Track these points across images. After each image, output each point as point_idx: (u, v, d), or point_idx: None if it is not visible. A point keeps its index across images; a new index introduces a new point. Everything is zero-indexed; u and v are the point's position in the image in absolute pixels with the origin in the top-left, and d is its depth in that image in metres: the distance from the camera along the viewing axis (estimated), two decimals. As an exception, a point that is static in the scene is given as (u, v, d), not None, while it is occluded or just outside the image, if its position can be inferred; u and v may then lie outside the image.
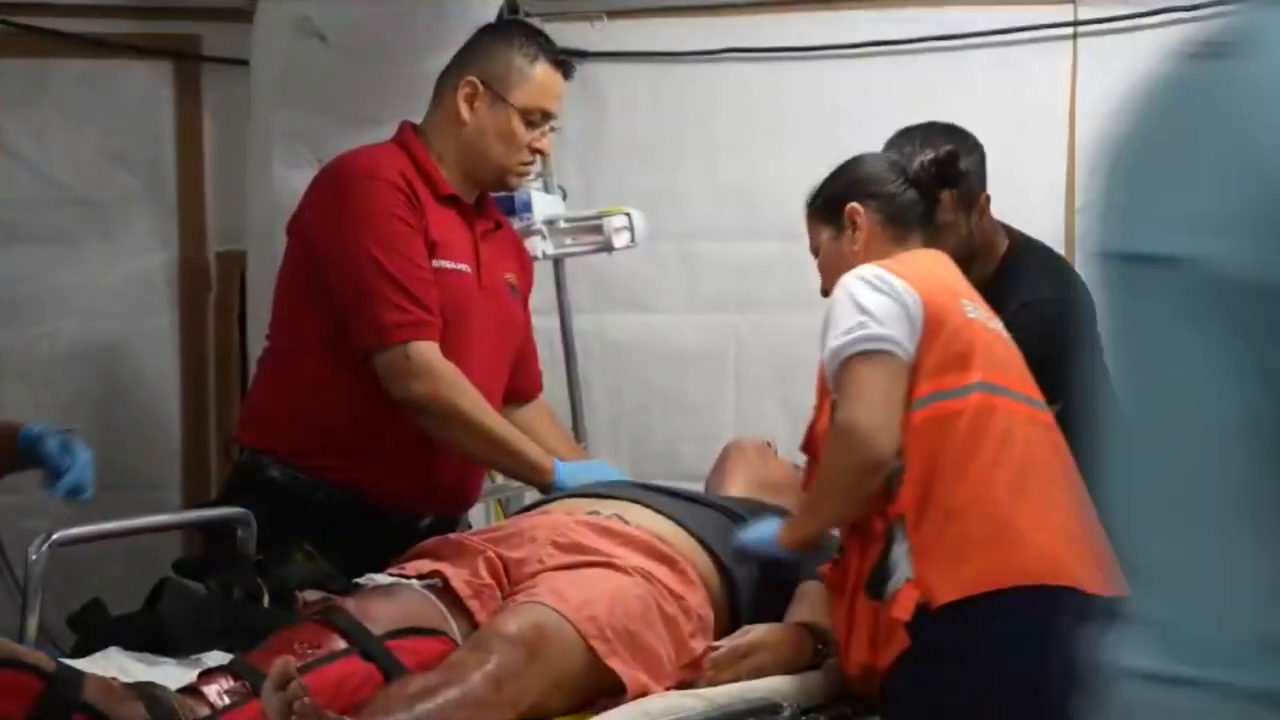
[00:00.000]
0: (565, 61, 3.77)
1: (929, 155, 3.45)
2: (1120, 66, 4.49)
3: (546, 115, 3.73)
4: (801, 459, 3.35)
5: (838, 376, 3.03)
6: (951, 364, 3.03)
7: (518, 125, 3.69)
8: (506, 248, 3.94)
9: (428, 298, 3.56)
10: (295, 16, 4.24)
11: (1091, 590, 2.78)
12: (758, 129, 4.85)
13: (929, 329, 3.03)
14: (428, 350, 3.54)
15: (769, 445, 3.95)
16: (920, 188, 3.34)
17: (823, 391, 3.15)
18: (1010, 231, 3.99)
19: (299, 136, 4.34)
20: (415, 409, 3.55)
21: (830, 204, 3.37)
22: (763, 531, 3.33)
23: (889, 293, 3.03)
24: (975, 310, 3.16)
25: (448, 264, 3.65)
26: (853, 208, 3.30)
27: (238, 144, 4.68)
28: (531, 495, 4.00)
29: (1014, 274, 3.89)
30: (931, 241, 3.34)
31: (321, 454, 3.64)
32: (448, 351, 3.60)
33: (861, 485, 3.01)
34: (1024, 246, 3.98)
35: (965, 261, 3.83)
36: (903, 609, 2.89)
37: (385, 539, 3.49)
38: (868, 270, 3.09)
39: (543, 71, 3.71)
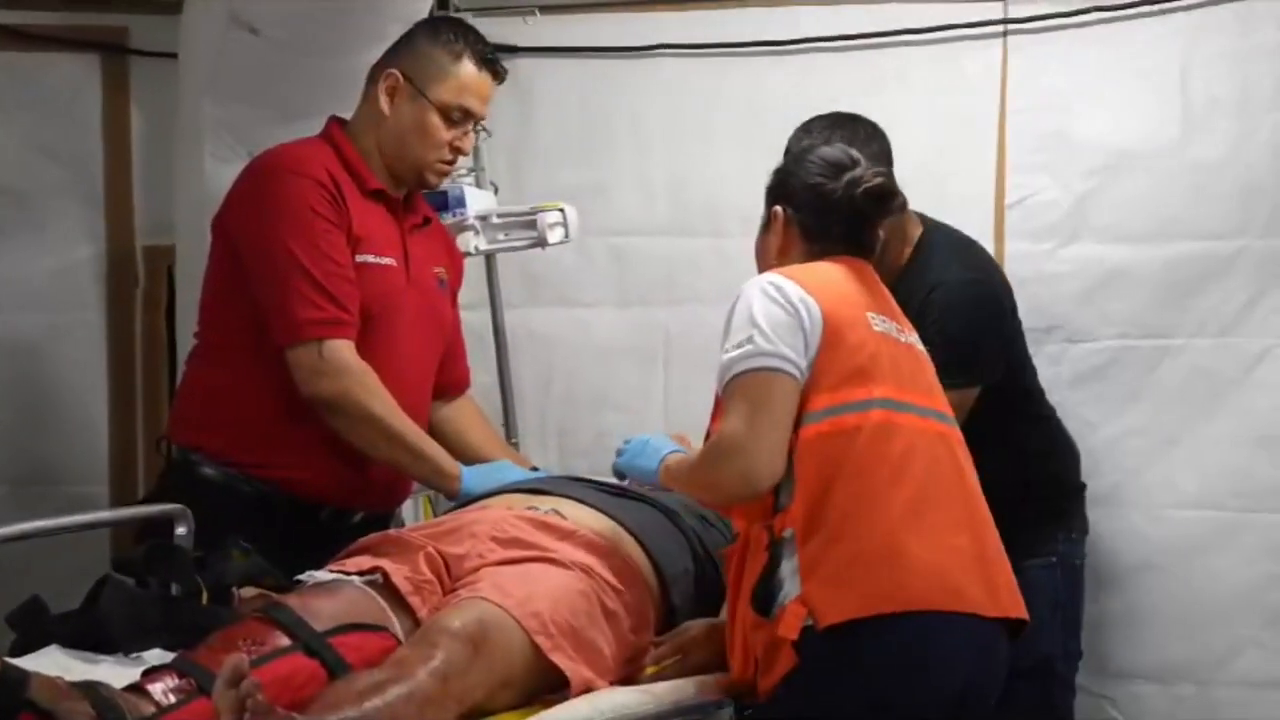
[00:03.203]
0: (494, 62, 3.74)
1: (869, 184, 3.14)
2: (1049, 64, 4.58)
3: (468, 114, 3.70)
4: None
5: (726, 389, 2.95)
6: (850, 377, 2.93)
7: (435, 121, 3.68)
8: (435, 242, 3.93)
9: (345, 296, 3.54)
10: (225, 8, 4.21)
11: (984, 613, 2.86)
12: (689, 125, 4.87)
13: (827, 341, 2.94)
14: (341, 348, 3.52)
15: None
16: (850, 211, 3.15)
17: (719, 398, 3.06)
18: (923, 218, 4.06)
19: (229, 129, 4.31)
20: (323, 407, 3.53)
21: (766, 197, 3.26)
22: (644, 464, 3.33)
23: (783, 304, 2.94)
24: (883, 323, 3.05)
25: (373, 258, 3.64)
26: (775, 211, 3.21)
27: (166, 138, 4.66)
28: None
29: (925, 259, 3.97)
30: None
31: (251, 450, 3.62)
32: (376, 345, 3.59)
33: (731, 499, 3.02)
34: (934, 232, 4.05)
35: None
36: (789, 628, 2.82)
37: (316, 535, 3.50)
38: (768, 278, 3.01)
39: (466, 70, 3.69)
